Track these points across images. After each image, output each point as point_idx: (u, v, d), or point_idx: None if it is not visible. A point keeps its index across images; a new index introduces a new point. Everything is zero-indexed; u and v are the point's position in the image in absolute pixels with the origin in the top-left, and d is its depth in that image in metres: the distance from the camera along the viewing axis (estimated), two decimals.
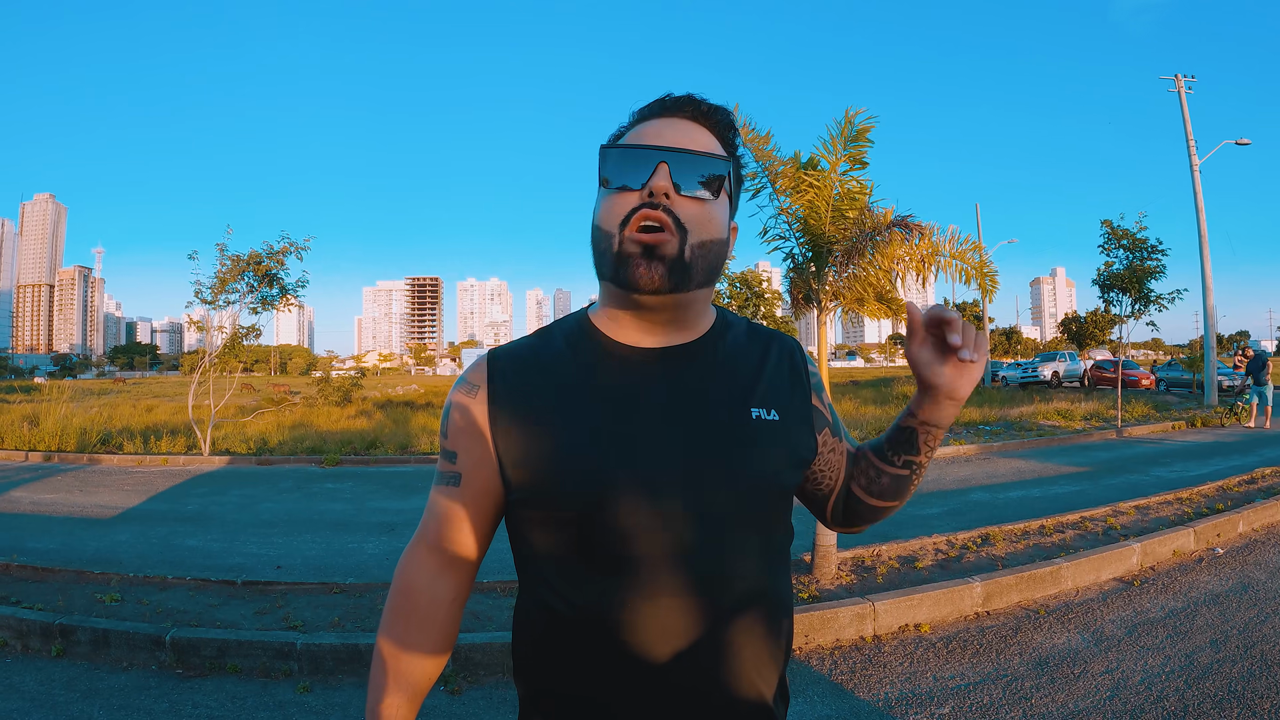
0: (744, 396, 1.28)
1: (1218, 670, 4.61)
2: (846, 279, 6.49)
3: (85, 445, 16.78)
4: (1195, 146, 28.09)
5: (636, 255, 1.18)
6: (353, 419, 23.06)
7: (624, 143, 1.25)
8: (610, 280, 1.24)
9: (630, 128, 1.29)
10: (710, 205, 1.23)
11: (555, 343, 1.33)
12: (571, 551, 1.21)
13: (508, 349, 1.35)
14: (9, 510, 10.26)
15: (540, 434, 1.23)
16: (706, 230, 1.22)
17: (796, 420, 1.33)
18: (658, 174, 1.18)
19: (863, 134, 5.95)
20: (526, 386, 1.27)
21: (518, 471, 1.23)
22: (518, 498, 1.25)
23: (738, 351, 1.34)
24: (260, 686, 4.80)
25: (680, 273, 1.20)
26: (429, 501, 1.35)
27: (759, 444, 1.25)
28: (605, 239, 1.22)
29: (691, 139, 1.23)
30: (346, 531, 8.97)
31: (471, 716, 4.38)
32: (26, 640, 5.41)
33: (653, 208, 1.17)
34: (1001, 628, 5.53)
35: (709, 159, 1.22)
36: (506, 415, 1.26)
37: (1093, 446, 15.88)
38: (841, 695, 4.55)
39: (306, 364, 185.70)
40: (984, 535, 7.55)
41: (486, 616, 5.59)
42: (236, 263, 15.77)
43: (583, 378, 1.26)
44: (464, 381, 1.33)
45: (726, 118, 1.30)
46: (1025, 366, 43.65)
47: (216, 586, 6.38)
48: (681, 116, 1.26)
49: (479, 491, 1.29)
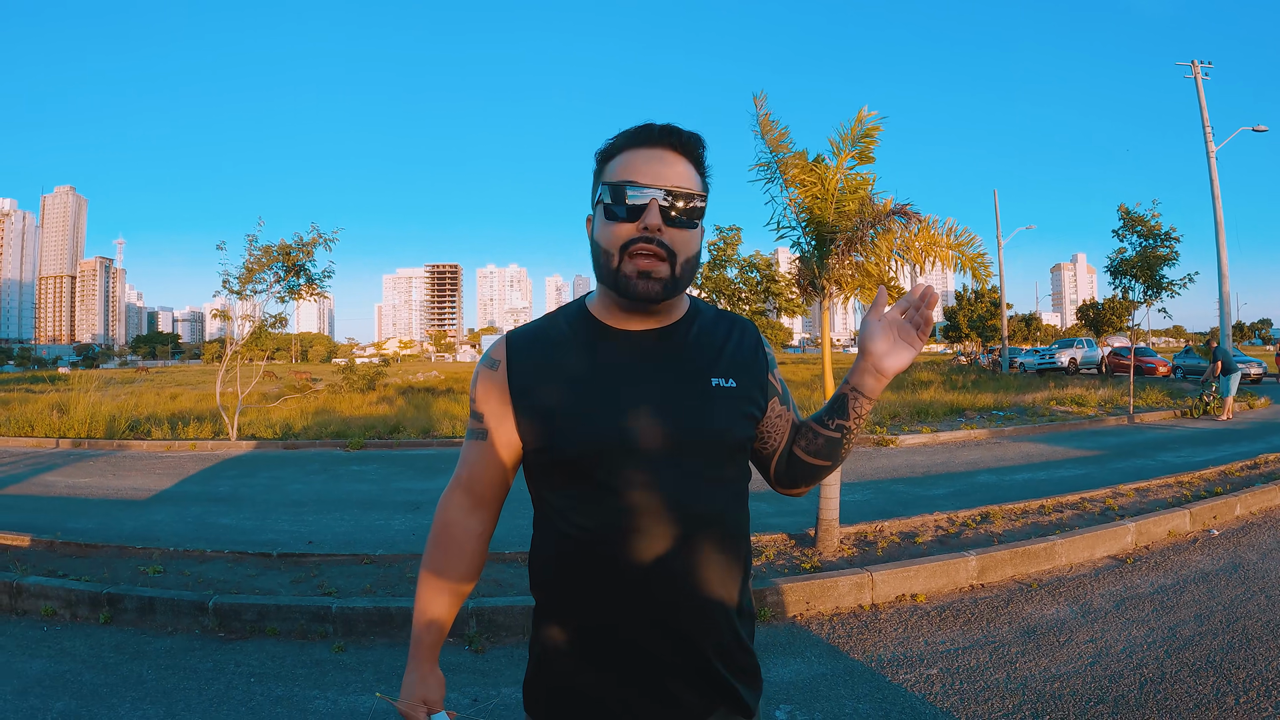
0: (708, 369, 1.62)
1: (1198, 643, 4.82)
2: (849, 267, 6.76)
3: (114, 432, 17.13)
4: (1212, 133, 27.97)
5: (634, 277, 1.51)
6: (375, 405, 23.35)
7: (617, 175, 1.54)
8: (611, 289, 1.56)
9: (619, 152, 1.58)
10: (693, 230, 1.56)
11: (560, 326, 1.67)
12: (574, 489, 1.56)
13: (522, 331, 1.70)
14: (46, 494, 10.64)
15: (549, 399, 1.57)
16: (690, 250, 1.55)
17: (752, 388, 1.67)
18: (650, 212, 1.49)
19: (871, 132, 6.24)
20: (538, 361, 1.62)
21: (532, 429, 1.59)
22: (532, 449, 1.61)
23: (705, 333, 1.68)
24: (298, 647, 5.16)
25: (672, 286, 1.53)
26: (464, 452, 1.71)
27: (718, 406, 1.60)
28: (606, 257, 1.54)
29: (676, 173, 1.53)
30: (374, 509, 9.32)
31: (494, 672, 4.73)
32: (75, 609, 5.75)
33: (648, 241, 1.50)
34: (994, 599, 5.80)
35: (691, 194, 1.53)
36: (522, 384, 1.61)
37: (1103, 432, 16.01)
38: (837, 656, 4.86)
39: (327, 352, 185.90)
40: (984, 513, 7.80)
41: (508, 583, 5.94)
42: (267, 253, 16.10)
43: (582, 355, 1.61)
44: (488, 357, 1.68)
45: (700, 146, 1.60)
46: (1043, 353, 43.31)
47: (253, 559, 6.73)
48: (664, 147, 1.55)
49: (502, 444, 1.64)
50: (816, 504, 6.84)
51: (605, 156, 1.60)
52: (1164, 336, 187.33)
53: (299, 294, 16.67)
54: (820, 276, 6.78)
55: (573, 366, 1.60)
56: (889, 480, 10.86)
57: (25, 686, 4.53)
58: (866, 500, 9.22)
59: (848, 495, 9.18)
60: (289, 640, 5.28)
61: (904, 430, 15.90)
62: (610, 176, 1.55)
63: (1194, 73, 28.96)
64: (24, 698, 4.39)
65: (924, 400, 21.30)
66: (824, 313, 7.00)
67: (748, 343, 1.72)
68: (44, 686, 4.54)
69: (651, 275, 1.50)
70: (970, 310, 62.02)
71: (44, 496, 10.43)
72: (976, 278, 6.73)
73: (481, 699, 4.36)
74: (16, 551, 7.01)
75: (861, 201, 6.44)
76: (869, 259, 6.60)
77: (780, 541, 7.03)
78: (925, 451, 13.80)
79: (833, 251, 6.64)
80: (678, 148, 1.56)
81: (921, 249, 6.52)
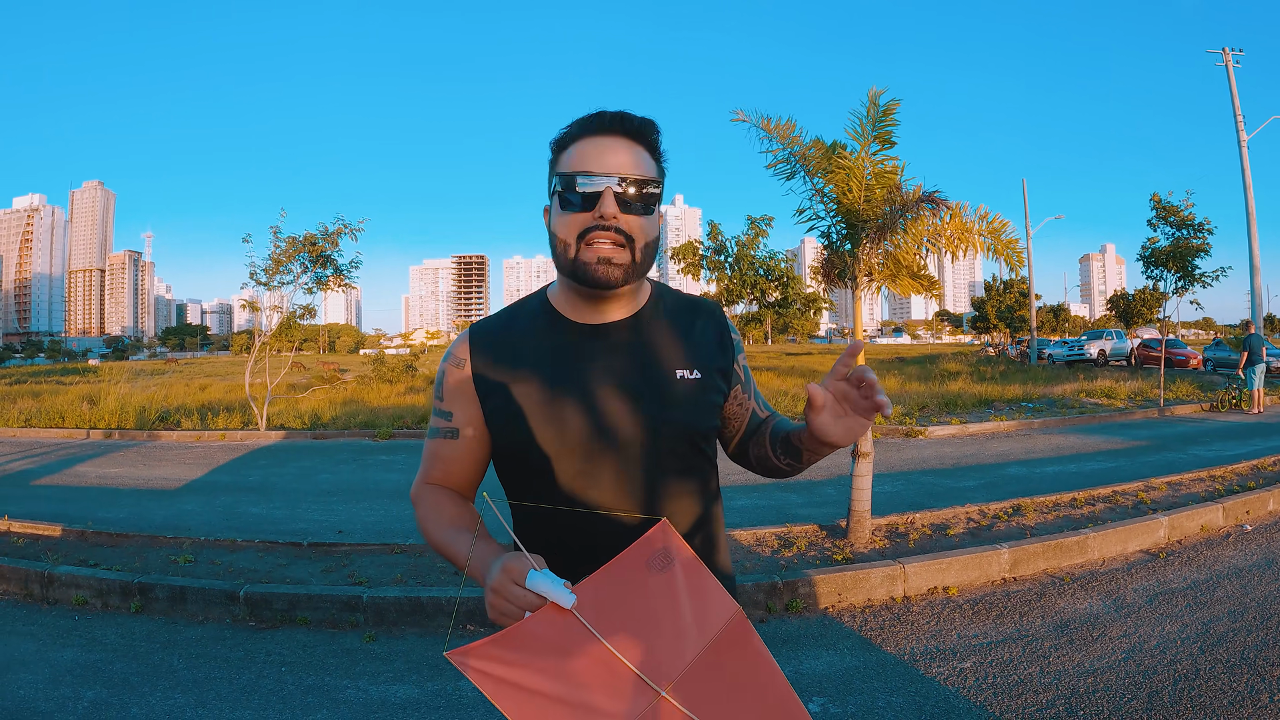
0: (672, 360, 1.64)
1: (1232, 638, 4.76)
2: (880, 256, 6.72)
3: (144, 423, 17.30)
4: (1243, 122, 27.66)
5: (594, 263, 1.51)
6: (403, 395, 23.38)
7: (571, 165, 1.54)
8: (571, 278, 1.57)
9: (572, 141, 1.57)
10: (649, 215, 1.56)
11: (521, 320, 1.68)
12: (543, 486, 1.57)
13: (483, 326, 1.71)
14: (77, 484, 10.76)
15: (514, 397, 1.59)
16: (648, 235, 1.56)
17: (715, 377, 1.69)
18: (605, 201, 1.49)
19: (889, 114, 6.16)
20: (502, 358, 1.63)
21: (499, 426, 1.61)
22: (500, 446, 1.63)
23: (669, 321, 1.69)
24: (329, 636, 5.18)
25: (632, 270, 1.54)
26: (427, 450, 1.71)
27: (682, 398, 1.61)
28: (564, 247, 1.54)
29: (629, 160, 1.53)
30: (403, 499, 9.28)
31: None
32: (106, 598, 5.81)
33: (604, 229, 1.50)
34: (1026, 593, 5.76)
35: (646, 180, 1.54)
36: (487, 382, 1.62)
37: (1133, 425, 15.85)
38: (869, 649, 4.83)
39: (354, 342, 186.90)
40: (1015, 506, 7.74)
41: None
42: (292, 244, 16.19)
43: (545, 350, 1.62)
44: (452, 355, 1.69)
45: (653, 132, 1.60)
46: (1071, 344, 42.84)
47: (284, 548, 6.78)
48: (616, 135, 1.55)
49: (473, 443, 1.66)
50: (848, 495, 6.80)
51: (559, 146, 1.60)
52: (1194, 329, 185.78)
53: (326, 285, 16.76)
54: (852, 266, 6.74)
55: (536, 362, 1.61)
56: (919, 471, 10.81)
57: (57, 675, 4.57)
58: (897, 491, 9.17)
59: (878, 486, 9.13)
60: (320, 629, 5.31)
61: (932, 421, 15.82)
62: (564, 166, 1.55)
63: (1225, 60, 28.65)
64: (55, 686, 4.43)
65: (952, 391, 21.17)
66: (856, 302, 6.95)
67: (712, 330, 1.74)
68: (75, 675, 4.58)
69: (611, 261, 1.51)
70: (998, 300, 61.69)
71: (75, 486, 10.54)
72: (1010, 265, 6.66)
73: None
74: (48, 541, 7.09)
75: (891, 189, 6.38)
76: (899, 247, 6.55)
77: (811, 532, 7.00)
78: (954, 443, 13.72)
79: (863, 240, 6.60)
80: (631, 134, 1.56)
81: (954, 236, 6.47)
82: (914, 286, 6.89)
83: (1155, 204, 17.54)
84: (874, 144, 6.27)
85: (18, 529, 7.47)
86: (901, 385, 24.59)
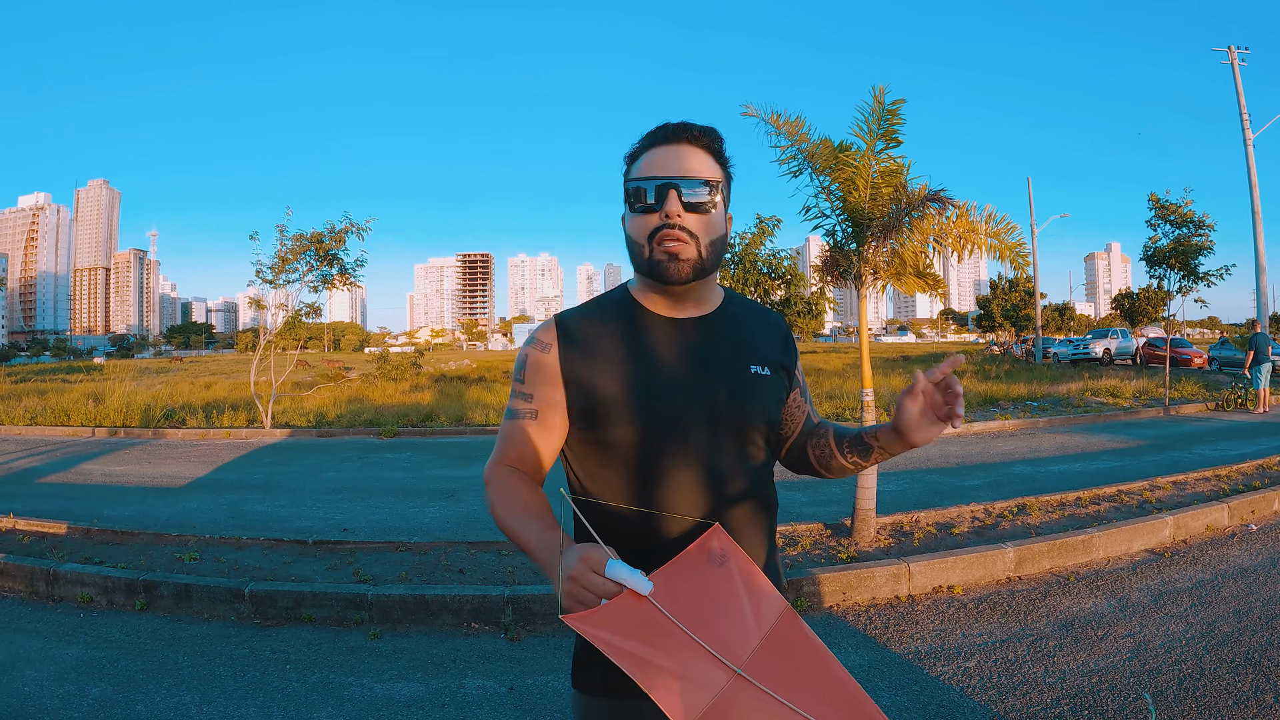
0: (746, 356, 1.76)
1: (1237, 638, 4.76)
2: (886, 255, 6.71)
3: (149, 421, 17.34)
4: (1249, 120, 27.58)
5: (665, 260, 1.64)
6: (408, 394, 23.46)
7: (639, 173, 1.68)
8: (646, 275, 1.70)
9: (641, 153, 1.71)
10: (712, 213, 1.67)
11: (607, 311, 1.77)
12: (621, 470, 1.66)
13: (570, 314, 1.78)
14: (82, 481, 10.78)
15: (600, 383, 1.66)
16: (713, 232, 1.67)
17: (781, 375, 1.82)
18: (670, 201, 1.62)
19: (894, 111, 6.15)
20: (588, 345, 1.71)
21: (582, 408, 1.67)
22: (582, 425, 1.69)
23: (741, 323, 1.81)
24: (334, 634, 5.19)
25: (700, 267, 1.66)
26: (505, 432, 1.76)
27: (755, 391, 1.74)
28: (638, 248, 1.68)
29: (691, 164, 1.66)
30: (408, 497, 9.38)
31: (530, 660, 4.74)
32: (111, 596, 5.82)
33: (670, 228, 1.62)
34: (1031, 591, 5.76)
35: (705, 182, 1.65)
36: (573, 367, 1.69)
37: (1138, 424, 15.83)
38: (874, 648, 4.83)
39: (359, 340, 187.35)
40: (1020, 505, 7.73)
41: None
42: (299, 241, 16.21)
43: (629, 340, 1.71)
44: (537, 340, 1.75)
45: (715, 137, 1.72)
46: (1077, 343, 42.75)
47: (289, 546, 6.79)
48: (680, 143, 1.68)
49: (552, 424, 1.71)
50: (852, 493, 6.80)
51: (630, 159, 1.74)
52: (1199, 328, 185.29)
53: (332, 283, 16.78)
54: (857, 264, 6.74)
55: (621, 351, 1.70)
56: (924, 470, 10.80)
57: (62, 672, 4.59)
58: (902, 490, 9.17)
59: (883, 485, 9.14)
60: (325, 627, 5.31)
61: None
62: (633, 175, 1.70)
63: (1231, 58, 28.57)
64: (61, 683, 4.44)
65: None
66: (861, 300, 6.94)
67: (779, 336, 1.88)
68: (80, 672, 4.59)
69: (679, 257, 1.63)
70: (1004, 299, 61.54)
71: (80, 484, 10.57)
72: (1015, 266, 6.65)
73: (518, 687, 4.36)
74: (53, 539, 7.10)
75: (897, 187, 6.37)
76: (905, 246, 6.54)
77: (816, 531, 7.00)
78: (959, 441, 13.72)
79: (868, 239, 6.59)
80: (692, 140, 1.69)
81: (959, 236, 6.46)
82: (919, 285, 6.88)
83: (1153, 203, 17.46)
84: (880, 142, 6.25)
85: (23, 526, 7.48)
86: (907, 384, 24.46)
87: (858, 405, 17.25)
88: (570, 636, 4.98)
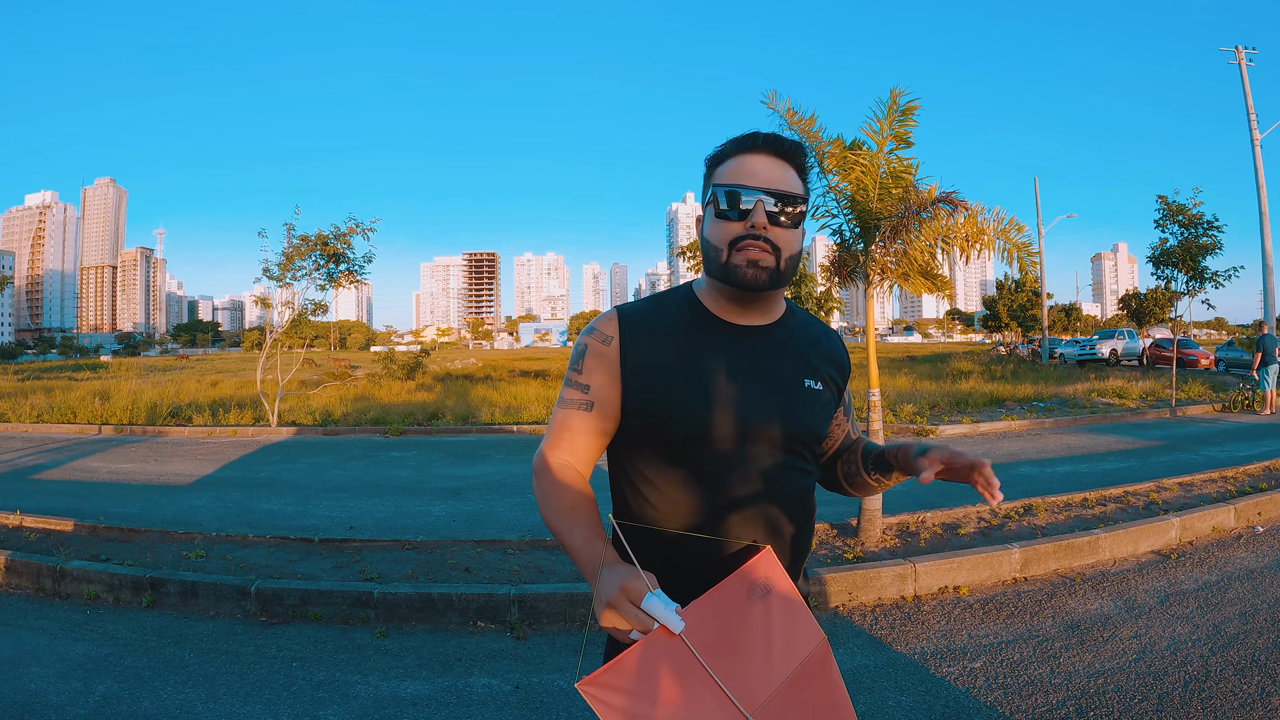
0: (803, 370, 1.78)
1: (1243, 640, 4.74)
2: (893, 255, 6.70)
3: (155, 418, 17.38)
4: (1256, 120, 27.47)
5: (743, 266, 1.64)
6: (414, 392, 23.48)
7: (727, 178, 1.68)
8: (720, 280, 1.69)
9: (728, 157, 1.70)
10: (795, 229, 1.69)
11: (669, 311, 1.77)
12: (677, 469, 1.67)
13: (632, 309, 1.78)
14: (89, 479, 10.79)
15: (663, 381, 1.68)
16: (792, 248, 1.69)
17: (833, 391, 1.86)
18: (757, 212, 1.63)
19: (908, 113, 6.14)
20: (651, 342, 1.72)
21: (640, 404, 1.69)
22: (636, 422, 1.70)
23: (800, 334, 1.83)
24: (339, 632, 5.19)
25: (777, 278, 1.67)
26: (559, 420, 1.76)
27: (808, 404, 1.76)
28: (715, 252, 1.68)
29: (780, 177, 1.66)
30: (414, 495, 9.38)
31: (536, 659, 4.73)
32: (118, 593, 5.83)
33: (754, 238, 1.63)
34: (1037, 593, 5.74)
35: (794, 196, 1.66)
36: (635, 363, 1.70)
37: (1145, 425, 15.76)
38: (879, 648, 4.82)
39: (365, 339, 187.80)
40: (1026, 506, 7.72)
41: (550, 570, 5.96)
42: (306, 241, 16.24)
43: (692, 340, 1.72)
44: (597, 330, 1.76)
45: (802, 152, 1.74)
46: (1083, 344, 42.62)
47: (295, 544, 6.79)
48: (769, 154, 1.68)
49: (606, 416, 1.73)
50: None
51: (715, 161, 1.73)
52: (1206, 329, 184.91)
53: (338, 282, 16.80)
54: (864, 264, 6.73)
55: (684, 351, 1.71)
56: None
57: (68, 670, 4.59)
58: (907, 490, 9.15)
59: None
60: (331, 625, 5.32)
61: (944, 420, 15.83)
62: (720, 179, 1.69)
63: (1238, 59, 28.42)
64: (67, 680, 4.44)
65: (963, 390, 21.16)
66: (869, 300, 6.95)
67: (834, 352, 1.89)
68: (86, 670, 4.59)
69: (759, 264, 1.64)
70: (1010, 299, 61.45)
71: (87, 482, 10.58)
72: (1022, 267, 6.63)
73: (524, 686, 4.37)
74: (60, 536, 7.11)
75: (906, 188, 6.36)
76: (912, 247, 6.53)
77: (822, 531, 7.00)
78: (965, 442, 13.65)
79: (876, 239, 6.58)
80: (781, 154, 1.70)
81: (967, 237, 6.45)
82: (926, 286, 6.86)
83: (1162, 204, 17.38)
84: (890, 142, 6.25)
85: (30, 524, 7.50)
86: (913, 384, 24.58)
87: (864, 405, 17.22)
88: (576, 636, 4.98)
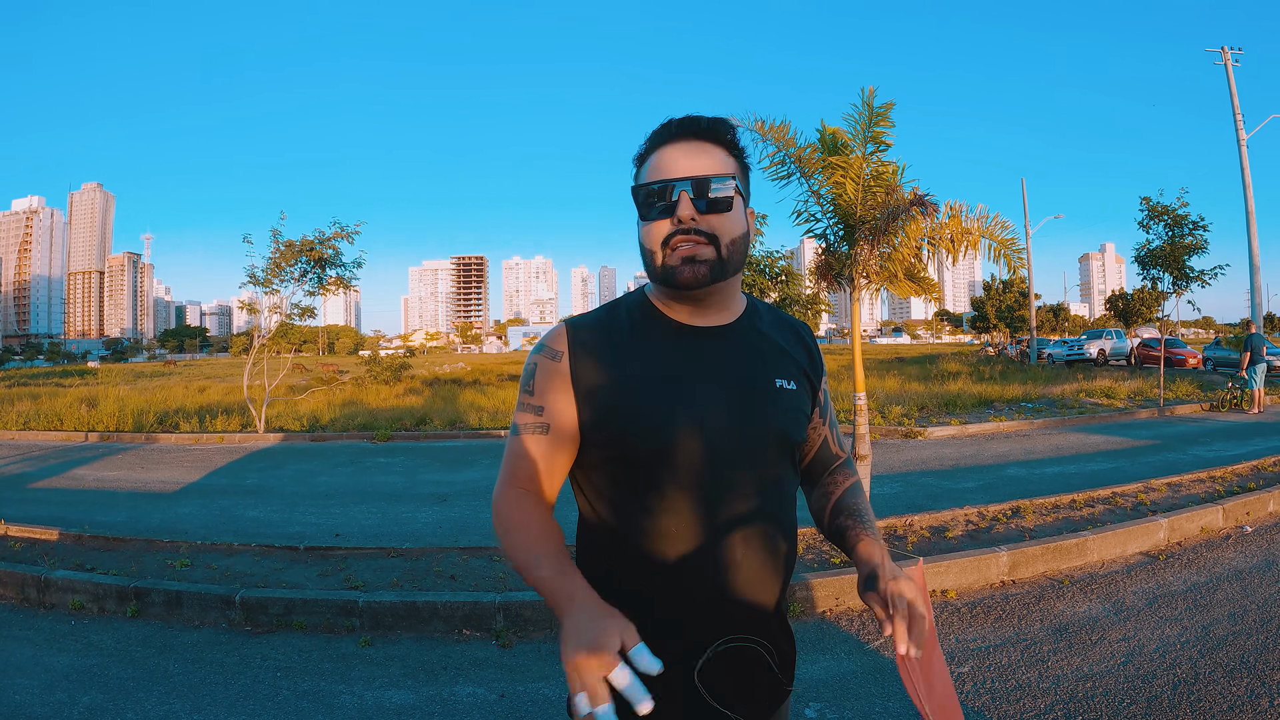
0: (771, 369, 1.64)
1: (1233, 642, 4.73)
2: (878, 257, 6.69)
3: (142, 425, 17.32)
4: (1243, 121, 27.59)
5: (679, 265, 1.50)
6: (402, 397, 23.43)
7: (647, 176, 1.56)
8: (661, 284, 1.57)
9: (647, 155, 1.59)
10: (730, 211, 1.53)
11: (621, 318, 1.64)
12: (637, 485, 1.53)
13: (582, 321, 1.65)
14: (75, 486, 10.76)
15: (615, 392, 1.54)
16: (732, 231, 1.54)
17: (806, 391, 1.70)
18: (681, 204, 1.49)
19: (884, 114, 6.13)
20: (602, 353, 1.58)
21: (596, 421, 1.55)
22: (595, 440, 1.56)
23: (766, 333, 1.69)
24: (324, 641, 5.16)
25: (720, 268, 1.53)
26: (514, 450, 1.61)
27: (780, 406, 1.61)
28: (651, 256, 1.54)
29: (701, 161, 1.53)
30: (400, 502, 9.35)
31: (521, 668, 4.70)
32: (103, 603, 5.79)
33: (685, 233, 1.50)
34: (1025, 596, 5.74)
35: (721, 177, 1.52)
36: (587, 377, 1.56)
37: (1133, 425, 15.80)
38: (865, 652, 4.82)
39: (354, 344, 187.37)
40: (1015, 508, 7.71)
41: None
42: (291, 247, 16.17)
43: (646, 347, 1.58)
44: (546, 347, 1.63)
45: (725, 128, 1.59)
46: (1071, 344, 42.65)
47: (280, 552, 6.75)
48: (687, 139, 1.55)
49: (564, 438, 1.58)
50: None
51: (638, 161, 1.62)
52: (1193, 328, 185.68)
53: (326, 288, 16.74)
54: (849, 267, 6.72)
55: (637, 360, 1.58)
56: (918, 473, 10.78)
57: (53, 680, 4.56)
58: (895, 493, 9.16)
59: (876, 488, 9.12)
60: (315, 634, 5.29)
61: (932, 422, 15.82)
62: (640, 180, 1.58)
63: (1224, 59, 28.52)
64: (51, 691, 4.41)
65: (951, 391, 21.17)
66: (854, 304, 6.94)
67: (805, 348, 1.76)
68: (71, 680, 4.56)
69: (696, 259, 1.50)
70: (998, 300, 61.55)
71: (72, 490, 10.54)
72: (1010, 266, 6.63)
73: (509, 694, 4.34)
74: (45, 545, 7.06)
75: (890, 190, 6.36)
76: (896, 249, 6.53)
77: (809, 535, 6.97)
78: (954, 444, 13.70)
79: (860, 242, 6.58)
80: (701, 135, 1.57)
81: (952, 237, 6.45)
82: (912, 289, 6.87)
83: (1146, 206, 17.41)
84: (869, 144, 6.24)
85: (15, 533, 7.45)
86: (901, 385, 24.59)
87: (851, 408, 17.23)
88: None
